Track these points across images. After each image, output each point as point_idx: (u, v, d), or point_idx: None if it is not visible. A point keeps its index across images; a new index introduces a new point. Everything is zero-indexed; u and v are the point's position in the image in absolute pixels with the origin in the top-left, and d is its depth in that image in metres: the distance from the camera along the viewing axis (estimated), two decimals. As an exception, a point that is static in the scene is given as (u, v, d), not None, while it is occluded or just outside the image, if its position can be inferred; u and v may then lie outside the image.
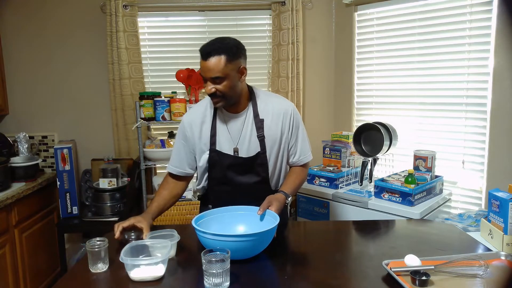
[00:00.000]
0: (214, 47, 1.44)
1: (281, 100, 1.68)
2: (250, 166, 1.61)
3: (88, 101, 2.99)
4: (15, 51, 2.89)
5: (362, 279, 1.22)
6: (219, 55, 1.43)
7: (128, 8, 2.78)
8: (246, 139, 1.59)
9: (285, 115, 1.62)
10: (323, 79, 3.10)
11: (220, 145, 1.59)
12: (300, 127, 1.67)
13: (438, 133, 2.50)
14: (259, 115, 1.60)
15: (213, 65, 1.43)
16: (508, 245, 1.56)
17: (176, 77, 2.63)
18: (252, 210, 1.47)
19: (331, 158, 2.61)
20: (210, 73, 1.45)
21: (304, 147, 1.68)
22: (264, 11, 2.96)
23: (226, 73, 1.45)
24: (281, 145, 1.63)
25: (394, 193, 2.13)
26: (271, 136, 1.60)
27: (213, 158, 1.60)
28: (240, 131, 1.59)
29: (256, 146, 1.59)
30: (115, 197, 2.57)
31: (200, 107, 1.66)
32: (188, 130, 1.62)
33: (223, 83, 1.46)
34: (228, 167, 1.59)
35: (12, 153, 2.74)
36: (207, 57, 1.44)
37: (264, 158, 1.60)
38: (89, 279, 1.21)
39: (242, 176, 1.61)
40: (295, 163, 1.69)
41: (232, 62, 1.46)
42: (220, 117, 1.61)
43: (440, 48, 2.45)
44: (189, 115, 1.67)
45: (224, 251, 1.14)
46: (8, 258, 2.25)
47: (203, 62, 1.45)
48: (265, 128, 1.59)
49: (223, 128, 1.60)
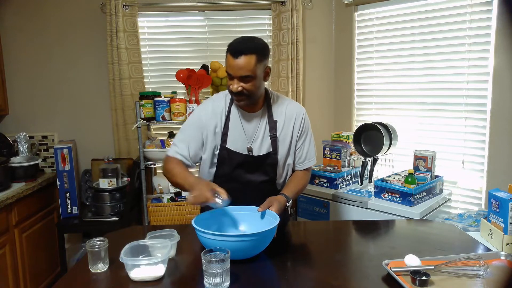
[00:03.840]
0: (246, 46, 1.43)
1: (294, 103, 1.70)
2: (259, 165, 1.61)
3: (88, 101, 2.99)
4: (15, 51, 2.89)
5: (362, 279, 1.22)
6: (251, 54, 1.43)
7: (128, 8, 2.78)
8: (259, 138, 1.60)
9: (297, 117, 1.64)
10: (323, 79, 3.10)
11: (232, 143, 1.59)
12: (309, 131, 1.70)
13: (438, 133, 2.50)
14: (273, 115, 1.61)
15: (243, 63, 1.42)
16: (508, 245, 1.56)
17: (176, 77, 2.63)
18: (252, 210, 1.47)
19: (331, 158, 2.61)
20: (240, 72, 1.44)
21: (310, 151, 1.70)
22: (264, 11, 2.96)
23: (255, 73, 1.45)
24: (291, 146, 1.65)
25: (394, 193, 2.13)
26: (282, 137, 1.62)
27: (223, 155, 1.60)
28: (255, 130, 1.60)
29: (267, 146, 1.60)
30: (115, 197, 2.58)
31: (216, 101, 1.63)
32: (204, 120, 1.58)
33: (251, 82, 1.46)
34: (237, 165, 1.60)
35: (12, 153, 2.74)
36: (238, 55, 1.42)
37: (275, 159, 1.61)
38: (89, 279, 1.21)
39: (251, 174, 1.62)
40: (299, 166, 1.70)
41: (261, 62, 1.47)
42: (235, 115, 1.61)
43: (440, 48, 2.45)
44: (204, 107, 1.63)
45: (224, 251, 1.14)
46: (8, 258, 2.25)
47: (232, 60, 1.44)
48: (278, 129, 1.61)
49: (238, 126, 1.60)
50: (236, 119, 1.60)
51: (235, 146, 1.59)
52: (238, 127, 1.60)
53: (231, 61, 1.44)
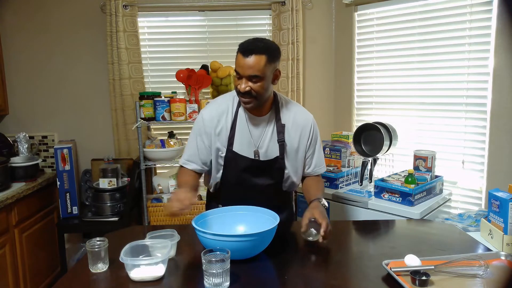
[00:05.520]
0: (257, 46, 1.43)
1: (303, 110, 1.68)
2: (266, 169, 1.60)
3: (88, 101, 2.99)
4: (15, 51, 2.89)
5: (362, 279, 1.22)
6: (261, 55, 1.42)
7: (128, 8, 2.78)
8: (265, 142, 1.59)
9: (306, 125, 1.63)
10: (323, 79, 3.10)
11: (239, 146, 1.58)
12: (318, 140, 1.68)
13: (438, 133, 2.50)
14: (281, 120, 1.60)
15: (253, 63, 1.41)
16: (508, 245, 1.56)
17: (176, 77, 2.63)
18: (252, 210, 1.47)
19: (331, 158, 2.61)
20: (249, 71, 1.42)
21: (319, 159, 1.70)
22: (264, 11, 2.96)
23: (265, 74, 1.44)
24: (299, 153, 1.63)
25: (394, 193, 2.12)
26: (290, 142, 1.60)
27: (229, 158, 1.58)
28: (261, 134, 1.59)
29: (275, 150, 1.59)
30: (115, 197, 2.58)
31: (221, 104, 1.62)
32: (208, 125, 1.59)
33: (259, 83, 1.45)
34: (244, 169, 1.58)
35: (12, 153, 2.74)
36: (248, 55, 1.41)
37: (282, 163, 1.60)
38: (89, 279, 1.21)
39: (257, 178, 1.60)
40: (309, 173, 1.70)
41: (271, 63, 1.46)
42: (242, 118, 1.59)
43: (440, 48, 2.45)
44: (209, 110, 1.63)
45: (224, 251, 1.14)
46: (8, 258, 2.25)
47: (242, 59, 1.43)
48: (285, 134, 1.59)
49: (244, 130, 1.58)
50: (243, 122, 1.59)
51: (241, 149, 1.58)
52: (244, 130, 1.58)
53: (241, 60, 1.43)
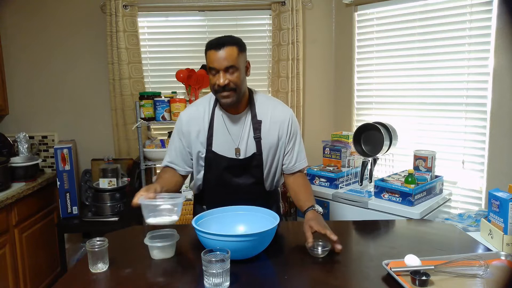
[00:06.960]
0: (226, 39, 1.48)
1: (280, 105, 1.67)
2: (246, 167, 1.61)
3: (88, 101, 2.99)
4: (15, 51, 2.89)
5: (362, 279, 1.22)
6: (232, 46, 1.46)
7: (128, 8, 2.78)
8: (244, 140, 1.59)
9: (284, 121, 1.62)
10: (323, 79, 3.10)
11: (218, 146, 1.59)
12: (297, 134, 1.68)
13: (438, 133, 2.50)
14: (257, 116, 1.60)
15: (227, 54, 1.44)
16: (508, 245, 1.56)
17: (176, 77, 2.63)
18: (252, 210, 1.47)
19: (331, 158, 2.61)
20: (225, 62, 1.45)
21: (300, 153, 1.69)
22: (264, 11, 2.96)
23: (239, 64, 1.47)
24: (278, 149, 1.64)
25: (394, 193, 2.12)
26: (267, 139, 1.60)
27: (209, 159, 1.60)
28: (240, 131, 1.59)
29: (252, 147, 1.59)
30: (115, 197, 2.58)
31: (199, 105, 1.64)
32: (186, 127, 1.62)
33: (236, 73, 1.47)
34: (224, 168, 1.59)
35: (12, 153, 2.75)
36: (221, 47, 1.44)
37: (260, 160, 1.60)
38: (89, 279, 1.21)
39: (238, 177, 1.62)
40: (290, 169, 1.68)
41: (242, 54, 1.51)
42: (219, 118, 1.60)
43: (440, 48, 2.45)
44: (187, 112, 1.66)
45: (224, 251, 1.14)
46: (8, 258, 2.26)
47: (216, 53, 1.45)
48: (262, 130, 1.59)
49: (222, 129, 1.59)
50: (220, 122, 1.60)
51: (221, 149, 1.59)
52: (223, 130, 1.59)
53: (214, 54, 1.46)
